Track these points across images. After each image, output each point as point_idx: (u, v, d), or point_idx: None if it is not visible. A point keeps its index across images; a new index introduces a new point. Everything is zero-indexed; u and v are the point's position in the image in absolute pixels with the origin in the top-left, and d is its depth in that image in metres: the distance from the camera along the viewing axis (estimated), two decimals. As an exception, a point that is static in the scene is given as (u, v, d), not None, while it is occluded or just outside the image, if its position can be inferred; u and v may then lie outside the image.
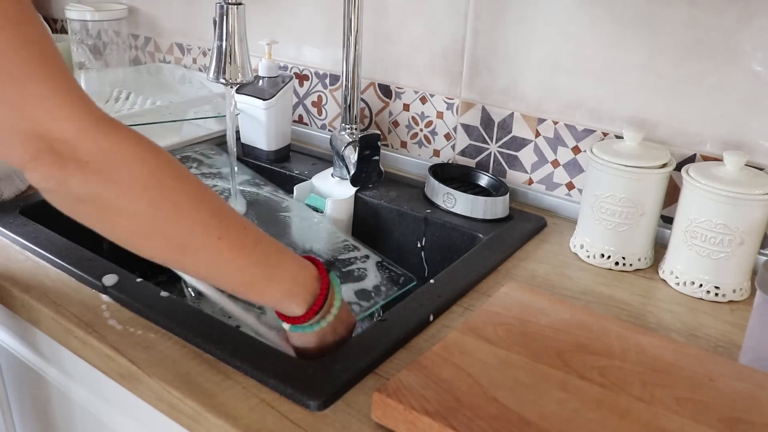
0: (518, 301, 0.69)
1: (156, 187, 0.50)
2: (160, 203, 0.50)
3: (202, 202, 0.53)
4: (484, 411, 0.54)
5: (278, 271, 0.57)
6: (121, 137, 0.50)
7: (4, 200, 0.93)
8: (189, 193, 0.52)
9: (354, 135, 1.02)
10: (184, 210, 0.51)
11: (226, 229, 0.53)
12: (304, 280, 0.59)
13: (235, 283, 0.57)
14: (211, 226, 0.52)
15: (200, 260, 0.54)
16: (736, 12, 0.80)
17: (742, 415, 0.55)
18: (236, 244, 0.54)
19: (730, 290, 0.78)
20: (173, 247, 0.53)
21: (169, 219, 0.51)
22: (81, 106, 0.48)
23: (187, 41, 1.39)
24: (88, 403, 0.78)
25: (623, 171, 0.81)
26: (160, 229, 0.51)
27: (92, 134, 0.48)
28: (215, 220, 0.53)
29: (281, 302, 0.59)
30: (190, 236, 0.52)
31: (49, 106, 0.47)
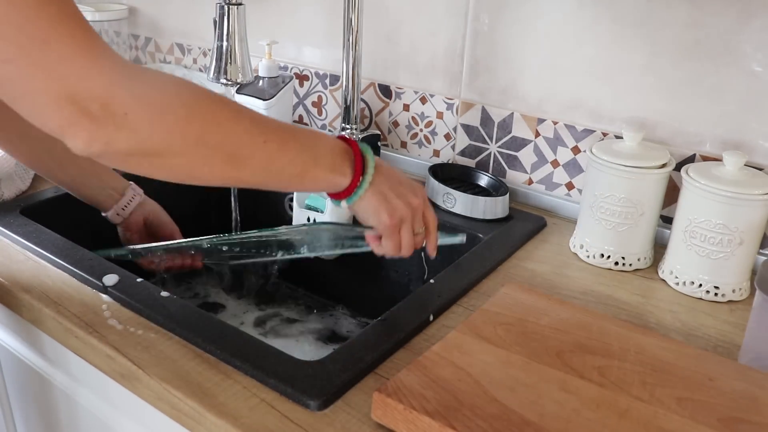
0: (518, 301, 0.69)
1: (198, 114, 0.51)
2: (205, 128, 0.51)
3: (239, 114, 0.55)
4: (484, 411, 0.54)
5: (319, 152, 0.60)
6: (149, 79, 0.50)
7: (5, 200, 0.93)
8: (225, 110, 0.54)
9: (354, 135, 1.02)
10: (227, 126, 0.53)
11: (268, 130, 0.56)
12: (341, 152, 0.62)
13: (290, 176, 0.59)
14: (255, 132, 0.55)
15: (256, 165, 0.56)
16: (736, 12, 0.80)
17: (742, 415, 0.55)
18: (280, 140, 0.57)
19: (729, 290, 0.78)
20: (229, 163, 0.54)
21: (218, 140, 0.52)
22: (105, 59, 0.48)
23: (187, 41, 1.39)
24: (91, 404, 0.78)
25: (623, 171, 0.81)
26: (213, 153, 0.53)
27: (123, 84, 0.48)
28: (256, 127, 0.55)
29: (331, 180, 0.62)
30: (240, 147, 0.54)
31: (77, 64, 0.46)
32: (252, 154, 0.55)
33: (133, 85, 0.49)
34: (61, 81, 0.46)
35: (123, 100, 0.48)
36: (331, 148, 0.62)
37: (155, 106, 0.49)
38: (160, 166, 0.52)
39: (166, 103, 0.50)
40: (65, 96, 0.46)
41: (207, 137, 0.52)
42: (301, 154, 0.59)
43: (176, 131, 0.50)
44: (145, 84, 0.49)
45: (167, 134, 0.50)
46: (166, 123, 0.50)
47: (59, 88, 0.46)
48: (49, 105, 0.47)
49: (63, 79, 0.46)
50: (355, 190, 0.63)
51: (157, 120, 0.49)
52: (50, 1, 0.46)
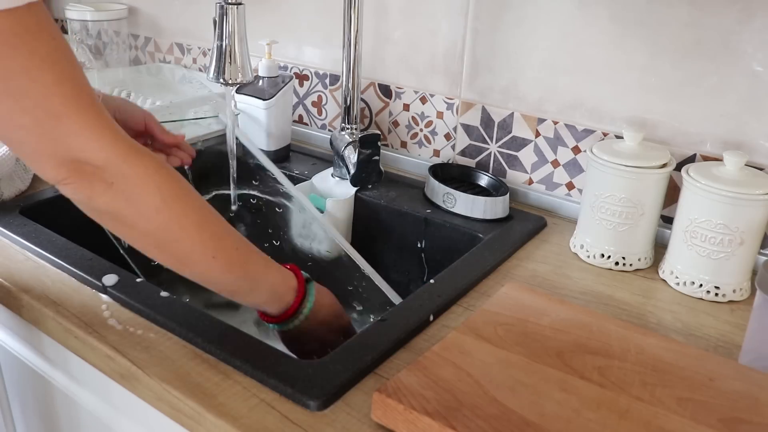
0: (518, 301, 0.69)
1: (166, 211, 0.58)
2: (168, 225, 0.59)
3: (204, 224, 0.61)
4: (484, 411, 0.54)
5: (260, 286, 0.67)
6: (142, 165, 0.57)
7: (4, 200, 0.93)
8: (194, 218, 0.60)
9: (354, 135, 1.02)
10: (188, 232, 0.60)
11: (222, 249, 0.62)
12: (281, 293, 0.68)
13: (222, 291, 0.66)
14: (209, 247, 0.61)
15: (196, 272, 0.63)
16: (736, 12, 0.80)
17: (742, 415, 0.55)
18: (227, 262, 0.63)
19: (730, 290, 0.78)
20: (175, 259, 0.62)
21: (175, 238, 0.60)
22: (110, 135, 0.55)
23: (187, 41, 1.39)
24: (91, 404, 0.78)
25: (623, 171, 0.81)
26: (166, 245, 0.60)
27: (118, 161, 0.56)
28: (213, 242, 0.62)
29: (259, 307, 0.69)
30: (190, 254, 0.61)
31: (82, 138, 0.54)
32: (197, 263, 0.62)
33: (126, 165, 0.56)
34: (66, 150, 0.54)
35: (113, 173, 0.55)
36: (274, 288, 0.67)
37: (136, 189, 0.57)
38: (121, 231, 0.60)
39: (145, 190, 0.57)
40: (67, 161, 0.54)
41: (166, 233, 0.59)
42: (241, 281, 0.65)
43: (143, 216, 0.58)
44: (136, 168, 0.57)
45: (135, 214, 0.58)
46: (138, 206, 0.57)
47: (63, 154, 0.54)
48: (51, 164, 0.55)
49: (68, 150, 0.54)
50: (277, 324, 0.70)
51: (133, 200, 0.57)
52: (66, 81, 0.53)
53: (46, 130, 0.53)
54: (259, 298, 0.68)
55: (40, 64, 0.51)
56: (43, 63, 0.51)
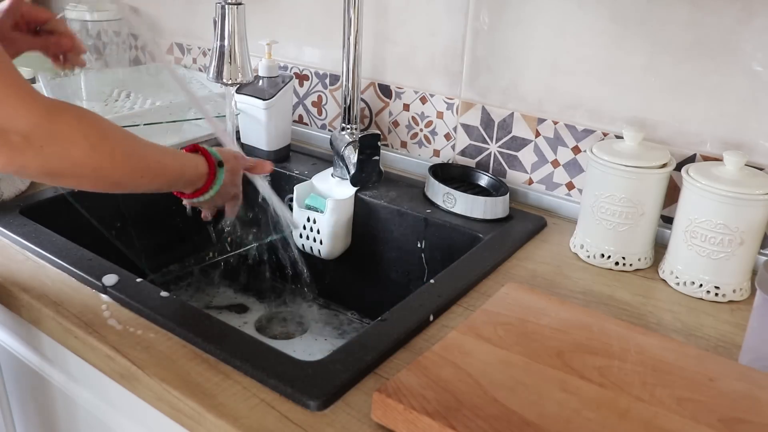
0: (518, 301, 0.69)
1: (96, 154, 0.62)
2: (101, 164, 0.63)
3: (130, 153, 0.67)
4: (484, 411, 0.54)
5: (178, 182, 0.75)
6: (65, 121, 0.60)
7: (4, 200, 0.93)
8: (120, 150, 0.65)
9: (354, 135, 1.02)
10: (118, 164, 0.65)
11: (146, 168, 0.69)
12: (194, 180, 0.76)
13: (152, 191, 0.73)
14: (137, 169, 0.68)
15: (127, 190, 0.70)
16: (736, 12, 0.80)
17: (742, 415, 0.55)
18: (152, 177, 0.70)
19: (730, 290, 0.78)
20: (110, 186, 0.67)
21: (108, 173, 0.65)
22: (30, 103, 0.57)
23: (187, 41, 1.39)
24: (90, 404, 0.78)
25: (623, 171, 0.81)
26: (100, 179, 0.65)
27: (43, 125, 0.58)
28: (140, 164, 0.68)
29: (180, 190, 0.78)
30: (123, 180, 0.67)
31: (4, 109, 0.56)
32: (128, 184, 0.68)
33: (51, 123, 0.58)
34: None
35: (40, 137, 0.58)
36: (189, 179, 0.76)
37: (65, 145, 0.60)
38: (64, 184, 0.67)
39: (74, 144, 0.60)
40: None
41: (101, 171, 0.64)
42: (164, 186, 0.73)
43: (77, 166, 0.61)
44: (62, 125, 0.59)
45: (71, 165, 0.61)
46: (72, 157, 0.61)
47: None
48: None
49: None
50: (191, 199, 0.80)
51: (65, 154, 0.60)
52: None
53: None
54: (175, 189, 0.77)
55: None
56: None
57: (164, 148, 0.73)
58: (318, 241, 1.01)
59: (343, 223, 1.01)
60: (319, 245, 1.02)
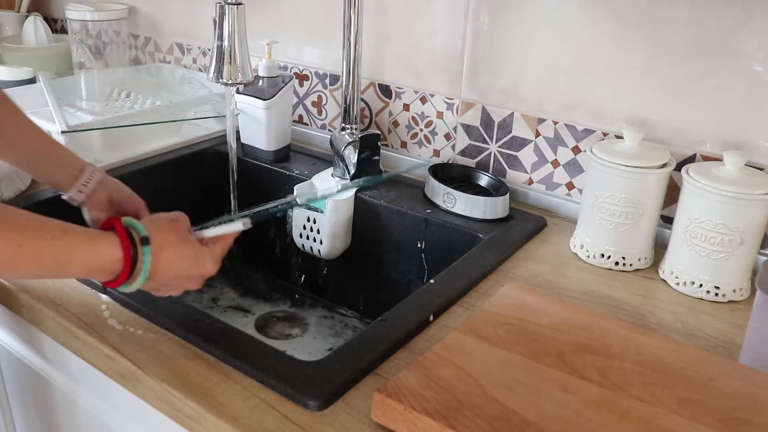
0: (518, 301, 0.69)
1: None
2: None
3: None
4: (484, 411, 0.54)
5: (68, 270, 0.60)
6: None
7: (4, 200, 0.93)
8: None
9: (354, 135, 1.02)
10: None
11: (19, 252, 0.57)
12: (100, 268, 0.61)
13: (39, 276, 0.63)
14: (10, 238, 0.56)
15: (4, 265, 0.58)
16: (736, 12, 0.80)
17: (742, 415, 0.55)
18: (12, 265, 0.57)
19: (730, 290, 0.78)
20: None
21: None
22: None
23: (187, 41, 1.39)
24: (90, 404, 0.78)
25: (623, 171, 0.81)
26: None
27: None
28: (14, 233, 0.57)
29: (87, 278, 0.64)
30: None
31: None
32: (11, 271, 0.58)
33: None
34: None
35: None
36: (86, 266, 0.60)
37: None
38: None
39: None
40: None
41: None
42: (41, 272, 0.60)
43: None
44: None
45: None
46: None
47: None
48: None
49: None
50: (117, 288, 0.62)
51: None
52: None
53: None
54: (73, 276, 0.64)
55: None
56: None
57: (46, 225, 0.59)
58: (318, 241, 1.01)
59: (343, 223, 1.01)
60: (319, 245, 1.02)
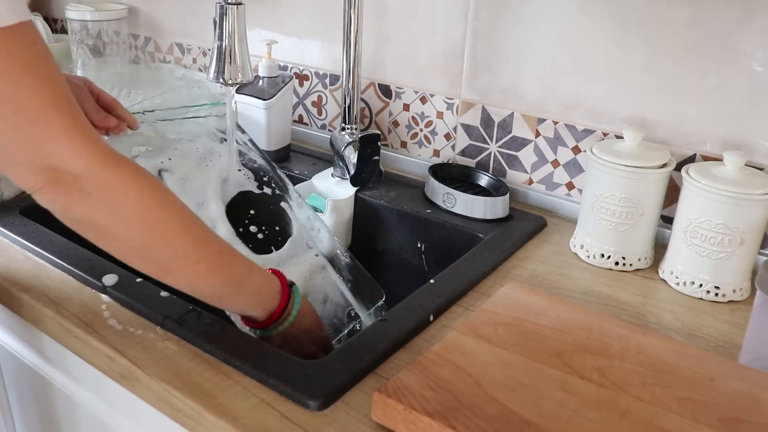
0: (518, 301, 0.69)
1: (148, 219, 0.57)
2: (150, 233, 0.58)
3: (187, 231, 0.60)
4: (484, 411, 0.54)
5: (245, 289, 0.65)
6: (122, 173, 0.56)
7: (4, 200, 0.93)
8: (176, 224, 0.59)
9: (354, 135, 1.02)
10: (170, 239, 0.59)
11: (205, 254, 0.61)
12: (267, 295, 0.67)
13: (208, 297, 0.65)
14: (192, 252, 0.60)
15: (180, 279, 0.62)
16: (736, 12, 0.80)
17: (742, 415, 0.55)
18: (211, 267, 0.62)
19: (730, 290, 0.78)
20: (159, 267, 0.61)
21: (157, 246, 0.59)
22: (88, 143, 0.54)
23: (187, 41, 1.39)
24: (90, 404, 0.78)
25: (623, 171, 0.81)
26: (148, 253, 0.59)
27: (97, 170, 0.55)
28: (196, 248, 0.61)
29: (245, 311, 0.68)
30: (173, 260, 0.60)
31: (60, 146, 0.53)
32: (180, 270, 0.61)
33: (105, 173, 0.55)
34: (44, 157, 0.53)
35: (91, 182, 0.54)
36: (259, 290, 0.66)
37: (116, 198, 0.56)
38: (101, 241, 0.59)
39: (125, 199, 0.56)
40: (44, 169, 0.53)
41: (148, 241, 0.58)
42: (226, 285, 0.64)
43: (124, 225, 0.57)
44: (117, 176, 0.56)
45: (116, 223, 0.56)
46: (119, 215, 0.56)
47: (41, 162, 0.53)
48: (29, 172, 0.54)
49: (46, 156, 0.53)
50: (263, 329, 0.68)
51: (113, 210, 0.56)
52: (45, 85, 0.52)
53: (24, 137, 0.52)
54: (244, 302, 0.66)
55: (20, 68, 0.50)
56: (23, 67, 0.51)
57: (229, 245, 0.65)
58: (318, 241, 1.01)
59: (343, 223, 1.01)
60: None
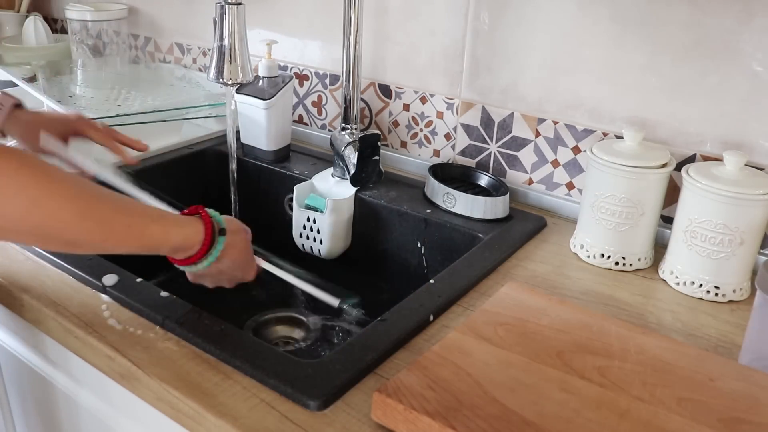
0: (518, 301, 0.69)
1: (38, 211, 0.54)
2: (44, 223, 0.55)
3: (85, 212, 0.57)
4: (484, 411, 0.54)
5: (161, 248, 0.65)
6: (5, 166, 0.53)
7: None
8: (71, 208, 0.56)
9: (354, 135, 1.02)
10: (68, 224, 0.56)
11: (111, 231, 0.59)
12: (185, 248, 0.66)
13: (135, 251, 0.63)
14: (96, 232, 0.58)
15: (88, 251, 0.62)
16: (736, 12, 0.80)
17: (742, 415, 0.55)
18: (121, 241, 0.60)
19: (730, 290, 0.78)
20: (64, 246, 0.59)
21: (56, 233, 0.56)
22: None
23: (187, 41, 1.39)
24: (91, 404, 0.78)
25: (623, 171, 0.81)
26: (49, 239, 0.57)
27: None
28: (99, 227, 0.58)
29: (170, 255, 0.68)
30: (76, 240, 0.58)
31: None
32: (86, 245, 0.59)
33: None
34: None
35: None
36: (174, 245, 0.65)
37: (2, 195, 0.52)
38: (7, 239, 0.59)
39: (8, 197, 0.53)
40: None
41: (44, 230, 0.55)
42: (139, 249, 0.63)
43: (14, 221, 0.54)
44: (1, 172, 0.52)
45: (5, 220, 0.53)
46: (5, 213, 0.53)
47: None
48: None
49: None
50: (184, 266, 0.69)
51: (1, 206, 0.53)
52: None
53: None
54: (162, 253, 0.66)
55: None
56: None
57: (146, 209, 0.63)
58: (318, 241, 1.01)
59: (343, 223, 1.01)
60: (319, 245, 1.02)
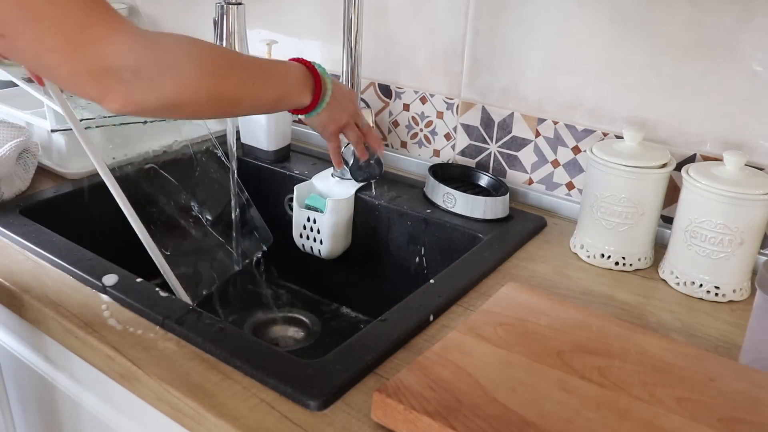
0: (518, 301, 0.69)
1: (205, 71, 0.63)
2: (212, 82, 0.64)
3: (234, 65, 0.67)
4: (484, 411, 0.54)
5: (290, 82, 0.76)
6: (169, 48, 0.60)
7: (4, 200, 0.93)
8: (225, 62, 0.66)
9: (354, 135, 1.02)
10: (227, 77, 0.66)
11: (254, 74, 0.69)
12: (305, 80, 0.78)
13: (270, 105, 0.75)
14: (246, 78, 0.68)
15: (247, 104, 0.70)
16: (736, 12, 0.80)
17: (742, 415, 0.55)
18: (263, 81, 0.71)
19: (730, 290, 0.78)
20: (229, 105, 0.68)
21: (222, 90, 0.65)
22: (132, 34, 0.57)
23: (187, 41, 1.39)
24: (91, 404, 0.78)
25: (623, 171, 0.81)
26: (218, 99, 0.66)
27: (148, 55, 0.57)
28: (246, 73, 0.69)
29: (297, 103, 0.78)
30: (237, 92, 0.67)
31: (111, 42, 0.55)
32: (246, 96, 0.69)
33: (156, 54, 0.58)
34: (100, 60, 0.55)
35: (149, 68, 0.57)
36: (297, 78, 0.76)
37: (174, 71, 0.60)
38: (178, 114, 0.66)
39: (182, 66, 0.60)
40: (103, 71, 0.55)
41: (213, 89, 0.64)
42: (279, 88, 0.74)
43: (191, 88, 0.62)
44: (165, 52, 0.59)
45: (184, 92, 0.61)
46: (183, 83, 0.61)
47: (98, 66, 0.55)
48: (91, 80, 0.56)
49: (101, 59, 0.55)
50: (313, 110, 0.80)
51: (176, 82, 0.60)
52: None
53: (77, 45, 0.54)
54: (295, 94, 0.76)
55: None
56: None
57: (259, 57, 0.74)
58: (318, 241, 1.01)
59: (343, 223, 1.01)
60: (319, 245, 1.02)
